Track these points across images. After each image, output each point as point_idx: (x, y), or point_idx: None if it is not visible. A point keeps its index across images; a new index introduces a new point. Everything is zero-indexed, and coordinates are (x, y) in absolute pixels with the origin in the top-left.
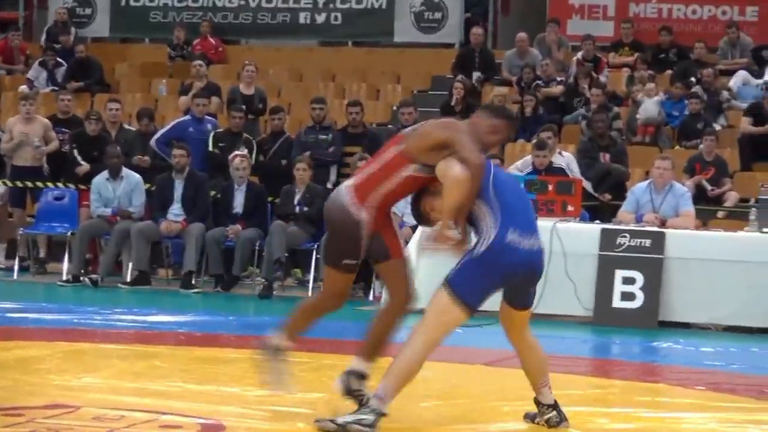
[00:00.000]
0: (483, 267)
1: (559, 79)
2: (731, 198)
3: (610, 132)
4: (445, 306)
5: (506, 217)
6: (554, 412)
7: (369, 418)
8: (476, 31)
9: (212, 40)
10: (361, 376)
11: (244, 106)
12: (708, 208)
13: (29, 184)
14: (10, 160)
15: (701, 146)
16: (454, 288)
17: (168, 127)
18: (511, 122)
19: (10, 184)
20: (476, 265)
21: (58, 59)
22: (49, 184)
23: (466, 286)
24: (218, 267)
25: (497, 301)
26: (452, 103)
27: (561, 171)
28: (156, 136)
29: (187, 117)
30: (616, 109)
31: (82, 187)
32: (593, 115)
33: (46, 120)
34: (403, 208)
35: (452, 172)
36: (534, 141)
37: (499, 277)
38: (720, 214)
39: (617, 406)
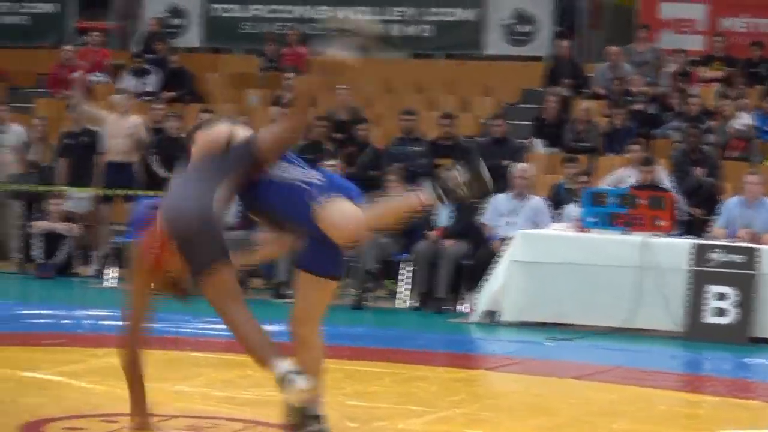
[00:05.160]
0: None
1: (649, 92)
2: None
3: (702, 146)
4: None
5: None
6: None
7: None
8: (563, 43)
9: (301, 50)
10: None
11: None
12: None
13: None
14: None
15: None
16: None
17: None
18: None
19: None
20: None
21: (147, 67)
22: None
23: None
24: None
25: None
26: (543, 116)
27: (664, 190)
28: None
29: None
30: (710, 122)
31: None
32: (688, 129)
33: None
34: None
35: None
36: (640, 156)
37: None
38: None
39: (708, 423)
